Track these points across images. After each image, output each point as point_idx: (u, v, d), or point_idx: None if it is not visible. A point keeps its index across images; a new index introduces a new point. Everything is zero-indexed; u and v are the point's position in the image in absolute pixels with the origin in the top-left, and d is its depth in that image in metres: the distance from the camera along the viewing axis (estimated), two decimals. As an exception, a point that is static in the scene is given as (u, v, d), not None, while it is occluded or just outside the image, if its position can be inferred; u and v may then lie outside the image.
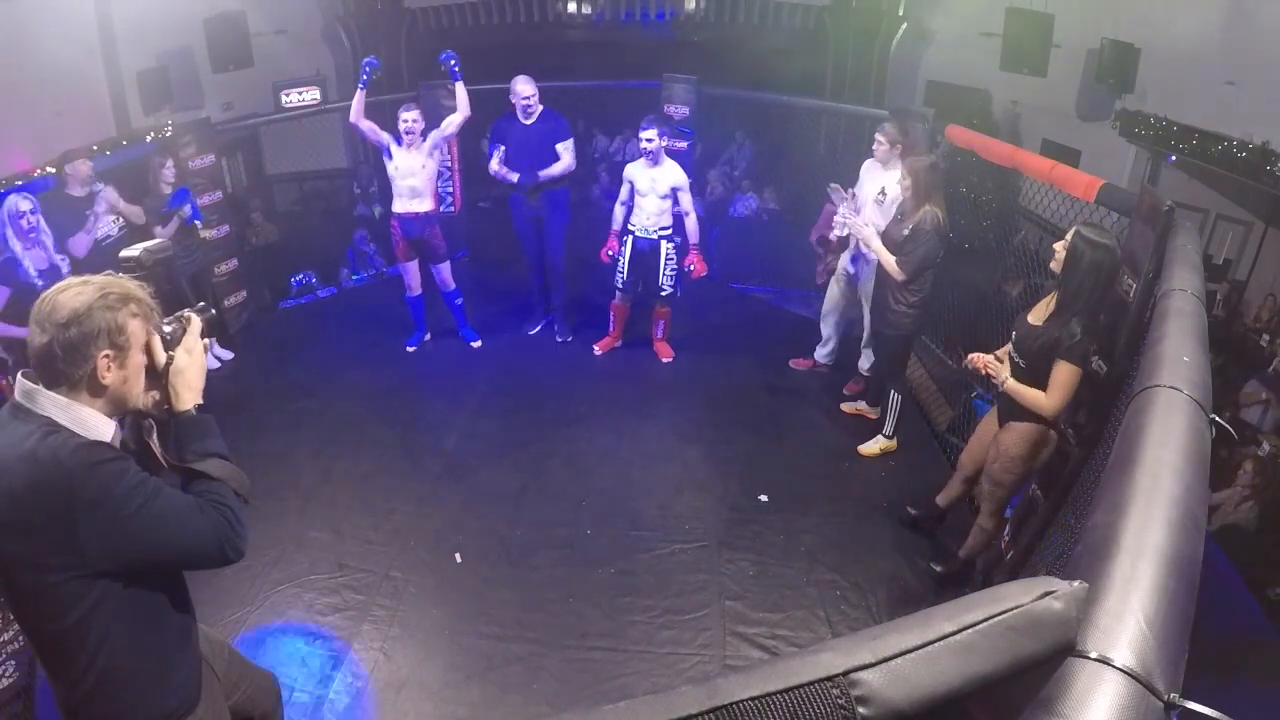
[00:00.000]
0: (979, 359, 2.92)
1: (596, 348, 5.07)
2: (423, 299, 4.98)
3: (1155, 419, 1.16)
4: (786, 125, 7.56)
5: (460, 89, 4.53)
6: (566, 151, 4.74)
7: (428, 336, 5.16)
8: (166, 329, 1.46)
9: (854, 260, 4.30)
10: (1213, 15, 5.03)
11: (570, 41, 8.42)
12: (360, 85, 4.35)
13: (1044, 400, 2.68)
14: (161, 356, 1.43)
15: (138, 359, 1.39)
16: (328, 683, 2.74)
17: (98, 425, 1.35)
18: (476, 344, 5.12)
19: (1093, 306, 2.61)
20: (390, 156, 4.48)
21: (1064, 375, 2.62)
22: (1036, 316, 2.78)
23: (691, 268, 4.57)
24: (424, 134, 4.47)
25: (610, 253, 4.70)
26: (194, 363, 1.47)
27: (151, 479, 1.35)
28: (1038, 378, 2.70)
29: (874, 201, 4.07)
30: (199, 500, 1.41)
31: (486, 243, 6.71)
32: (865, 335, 4.41)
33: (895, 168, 3.94)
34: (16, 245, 3.51)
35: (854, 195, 4.05)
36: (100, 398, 1.36)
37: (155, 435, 1.50)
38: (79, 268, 4.14)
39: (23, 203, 3.54)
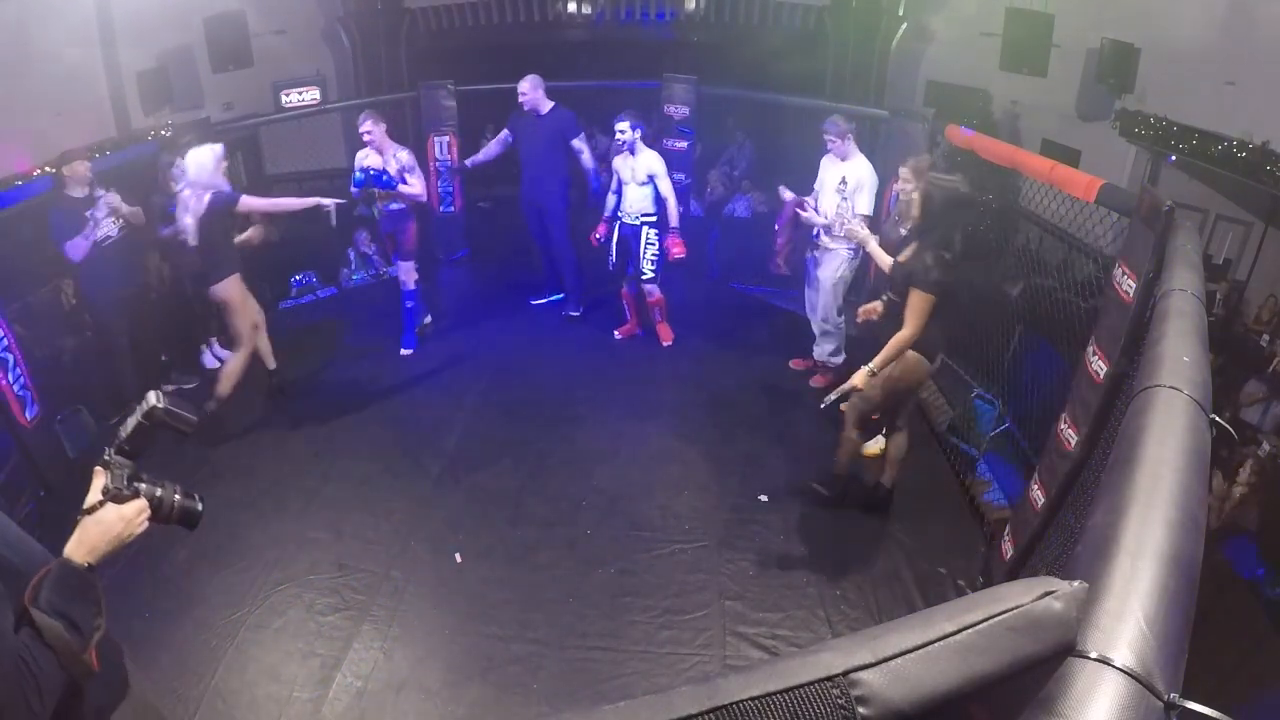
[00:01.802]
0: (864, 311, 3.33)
1: (617, 333, 5.30)
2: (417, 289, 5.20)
3: (1155, 419, 1.16)
4: (786, 125, 7.55)
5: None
6: (582, 146, 5.07)
7: (428, 319, 5.31)
8: (137, 485, 1.27)
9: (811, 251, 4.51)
10: (1213, 15, 5.03)
11: (570, 41, 8.40)
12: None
13: (902, 331, 3.02)
14: (92, 497, 1.23)
15: None
16: (328, 683, 2.74)
17: None
18: (407, 352, 5.07)
19: (945, 239, 2.95)
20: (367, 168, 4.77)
21: (915, 301, 2.97)
22: (904, 257, 3.12)
23: (669, 249, 4.71)
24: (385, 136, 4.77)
25: (598, 236, 4.93)
26: (113, 528, 1.24)
27: None
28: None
29: (835, 190, 4.31)
30: (12, 646, 1.10)
31: (487, 242, 6.70)
32: (818, 325, 4.61)
33: (853, 156, 4.27)
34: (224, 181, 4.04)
35: (814, 191, 4.23)
36: None
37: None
38: (75, 271, 4.14)
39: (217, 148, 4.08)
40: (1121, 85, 5.71)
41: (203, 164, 3.92)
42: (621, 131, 4.56)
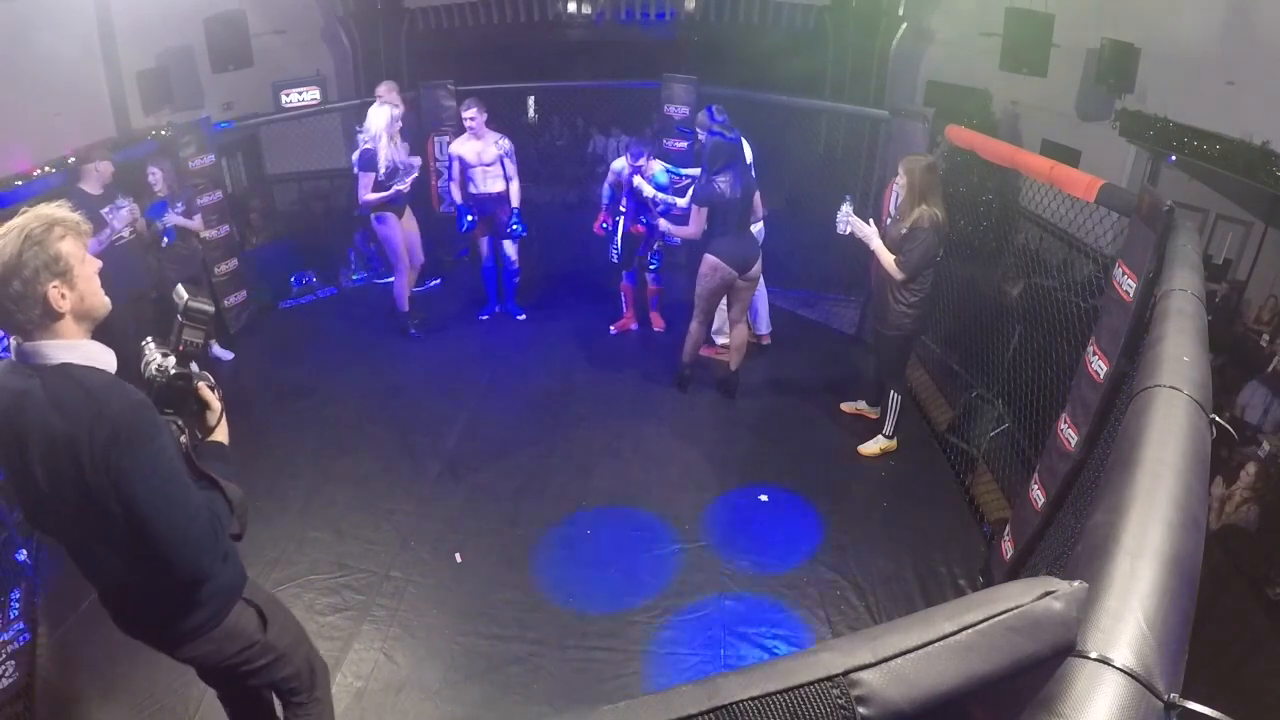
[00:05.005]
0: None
1: (613, 328, 5.34)
2: (495, 270, 5.37)
3: (1155, 419, 1.16)
4: (786, 125, 7.55)
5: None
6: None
7: (498, 308, 5.51)
8: (205, 379, 1.64)
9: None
10: (1213, 15, 5.03)
11: (570, 41, 8.42)
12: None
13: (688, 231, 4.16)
14: (217, 405, 1.65)
15: (84, 272, 1.46)
16: (328, 683, 2.74)
17: (100, 355, 1.49)
18: (521, 318, 5.59)
19: (716, 171, 3.92)
20: (463, 156, 4.91)
21: (693, 212, 4.07)
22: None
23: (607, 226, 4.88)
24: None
25: (604, 225, 4.99)
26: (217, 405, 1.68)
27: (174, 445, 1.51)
28: None
29: None
30: (204, 509, 1.50)
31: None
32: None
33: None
34: (385, 142, 4.54)
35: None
36: (70, 323, 1.45)
37: (184, 436, 1.59)
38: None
39: (394, 110, 4.61)
40: (1121, 85, 5.71)
41: (376, 120, 4.52)
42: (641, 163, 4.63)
